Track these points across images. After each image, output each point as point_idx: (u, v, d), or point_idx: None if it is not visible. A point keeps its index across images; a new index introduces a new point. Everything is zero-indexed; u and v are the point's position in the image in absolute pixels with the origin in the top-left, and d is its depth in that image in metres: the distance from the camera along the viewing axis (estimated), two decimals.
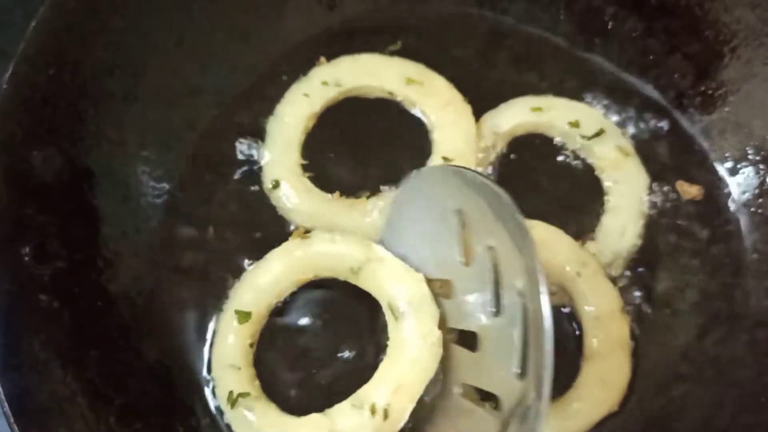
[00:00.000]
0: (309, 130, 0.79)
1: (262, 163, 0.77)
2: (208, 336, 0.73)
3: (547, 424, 0.55)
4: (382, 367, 0.67)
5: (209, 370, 0.71)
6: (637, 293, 0.74)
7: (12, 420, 0.58)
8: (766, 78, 0.77)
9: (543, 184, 0.78)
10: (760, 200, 0.77)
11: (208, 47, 0.79)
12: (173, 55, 0.77)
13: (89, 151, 0.72)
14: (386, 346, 0.69)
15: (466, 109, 0.78)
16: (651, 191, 0.77)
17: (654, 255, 0.76)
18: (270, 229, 0.76)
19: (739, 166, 0.78)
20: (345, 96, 0.80)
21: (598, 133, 0.77)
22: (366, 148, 0.79)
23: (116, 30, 0.73)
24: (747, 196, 0.77)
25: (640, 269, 0.75)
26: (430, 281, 0.68)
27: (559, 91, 0.81)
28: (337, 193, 0.76)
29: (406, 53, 0.81)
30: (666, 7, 0.79)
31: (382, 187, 0.76)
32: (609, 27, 0.83)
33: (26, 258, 0.65)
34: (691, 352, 0.73)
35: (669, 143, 0.80)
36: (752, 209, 0.77)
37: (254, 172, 0.78)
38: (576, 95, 0.81)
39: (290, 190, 0.75)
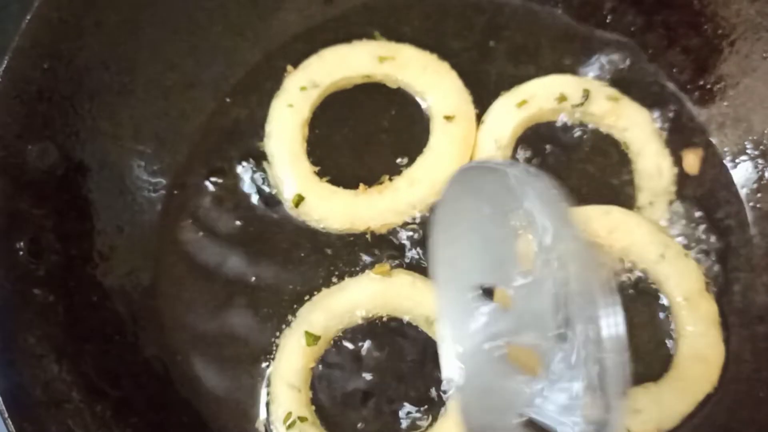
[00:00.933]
0: (307, 138, 0.78)
1: (277, 183, 0.76)
2: (207, 331, 0.73)
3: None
4: (439, 425, 0.68)
5: (268, 383, 0.71)
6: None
7: (6, 415, 0.58)
8: (765, 72, 0.76)
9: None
10: (759, 195, 0.76)
11: (204, 40, 0.79)
12: (168, 49, 0.77)
13: (84, 144, 0.72)
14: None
15: (445, 67, 0.79)
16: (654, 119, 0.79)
17: None
18: (264, 224, 0.76)
19: (737, 160, 0.78)
20: (327, 93, 0.80)
21: (586, 95, 0.78)
22: (368, 136, 0.79)
23: (111, 23, 0.73)
24: (745, 190, 0.77)
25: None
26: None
27: None
28: (362, 186, 0.76)
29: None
30: (665, 0, 0.79)
31: (398, 161, 0.77)
32: (608, 20, 0.82)
33: (21, 252, 0.65)
34: None
35: (668, 137, 0.79)
36: (751, 204, 0.77)
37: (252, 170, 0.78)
38: None
39: (316, 199, 0.75)
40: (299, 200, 0.75)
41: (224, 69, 0.80)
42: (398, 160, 0.78)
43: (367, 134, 0.79)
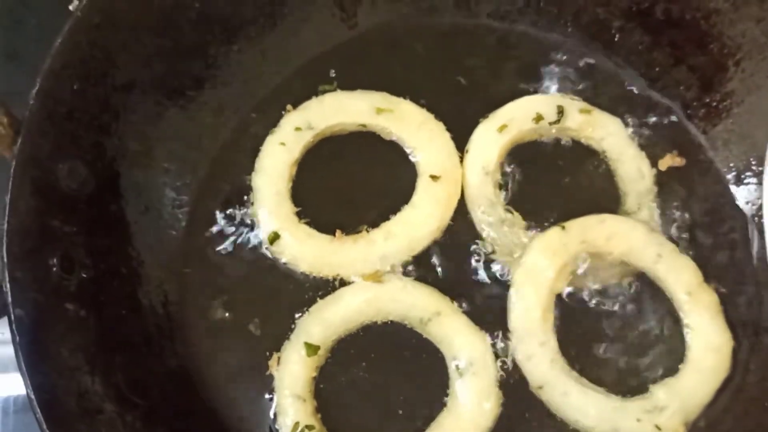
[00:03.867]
0: (294, 178, 0.79)
1: (256, 219, 0.77)
2: (226, 343, 0.75)
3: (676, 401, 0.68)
4: (440, 419, 0.71)
5: (271, 392, 0.73)
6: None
7: (44, 426, 0.60)
8: None
9: (560, 181, 0.80)
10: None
11: (227, 62, 0.81)
12: (193, 71, 0.79)
13: (112, 163, 0.74)
14: (446, 397, 0.72)
15: (440, 127, 0.80)
16: (627, 125, 0.82)
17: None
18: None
19: (743, 176, 0.80)
20: (320, 137, 0.81)
21: (561, 112, 0.80)
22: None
23: (137, 46, 0.75)
24: (750, 205, 0.79)
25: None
26: None
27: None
28: (338, 232, 0.77)
29: (417, 63, 0.84)
30: (672, 20, 0.81)
31: (379, 213, 0.78)
32: (616, 39, 0.84)
33: (54, 268, 0.67)
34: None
35: (674, 153, 0.81)
36: (756, 219, 0.79)
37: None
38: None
39: (291, 239, 0.76)
40: (274, 238, 0.76)
41: (246, 89, 0.82)
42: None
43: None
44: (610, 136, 0.81)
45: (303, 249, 0.76)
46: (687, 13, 0.80)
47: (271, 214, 0.77)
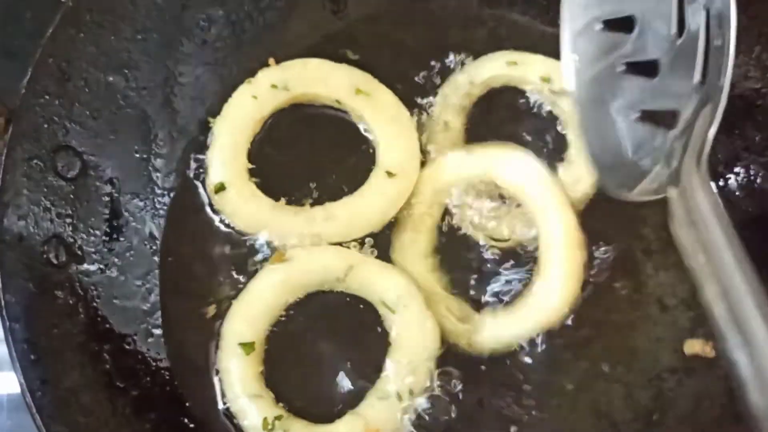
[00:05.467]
0: (257, 134, 0.78)
1: (208, 163, 0.76)
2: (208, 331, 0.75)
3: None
4: (391, 357, 0.71)
5: (224, 401, 0.72)
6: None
7: (34, 410, 0.61)
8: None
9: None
10: (749, 200, 0.79)
11: (215, 51, 0.81)
12: (181, 59, 0.79)
13: (103, 152, 0.75)
14: (389, 338, 0.72)
15: (411, 125, 0.79)
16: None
17: (646, 252, 0.79)
18: None
19: (730, 166, 0.80)
20: (293, 101, 0.79)
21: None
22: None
23: (130, 35, 0.75)
24: (738, 195, 0.80)
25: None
26: None
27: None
28: (283, 200, 0.76)
29: (408, 56, 0.84)
30: None
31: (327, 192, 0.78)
32: None
33: (44, 256, 0.68)
34: (682, 345, 0.75)
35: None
36: (742, 208, 0.79)
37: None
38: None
39: (235, 193, 0.75)
40: (220, 188, 0.75)
41: (236, 79, 0.81)
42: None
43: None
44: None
45: (244, 207, 0.75)
46: None
47: (224, 164, 0.76)
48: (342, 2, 0.85)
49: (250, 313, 0.72)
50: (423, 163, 0.78)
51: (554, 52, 0.78)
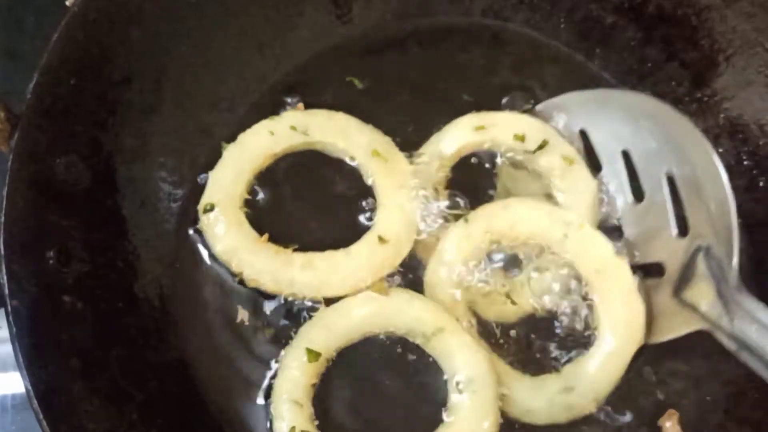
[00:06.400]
0: (263, 169, 0.78)
1: (208, 182, 0.76)
2: (219, 340, 0.76)
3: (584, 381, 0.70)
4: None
5: (267, 397, 0.72)
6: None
7: (41, 416, 0.61)
8: (761, 85, 0.79)
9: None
10: (751, 204, 0.79)
11: (223, 58, 0.81)
12: (190, 66, 0.80)
13: (109, 158, 0.75)
14: (444, 412, 0.72)
15: (405, 197, 0.77)
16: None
17: None
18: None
19: (732, 171, 0.81)
20: (308, 147, 0.79)
21: (542, 146, 0.78)
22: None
23: (134, 41, 0.75)
24: (740, 199, 0.80)
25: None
26: None
27: None
28: (266, 236, 0.75)
29: (412, 60, 0.84)
30: (664, 16, 0.82)
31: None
32: (608, 35, 0.85)
33: (51, 261, 0.68)
34: (685, 350, 0.76)
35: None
36: (745, 213, 0.79)
37: None
38: None
39: (222, 217, 0.74)
40: (208, 209, 0.75)
41: (242, 86, 0.82)
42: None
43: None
44: (574, 193, 0.77)
45: (226, 231, 0.74)
46: (679, 9, 0.81)
47: (220, 186, 0.75)
48: (347, 7, 0.85)
49: (332, 326, 0.72)
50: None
51: (565, 69, 0.82)
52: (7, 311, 0.64)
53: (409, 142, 0.80)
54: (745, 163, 0.80)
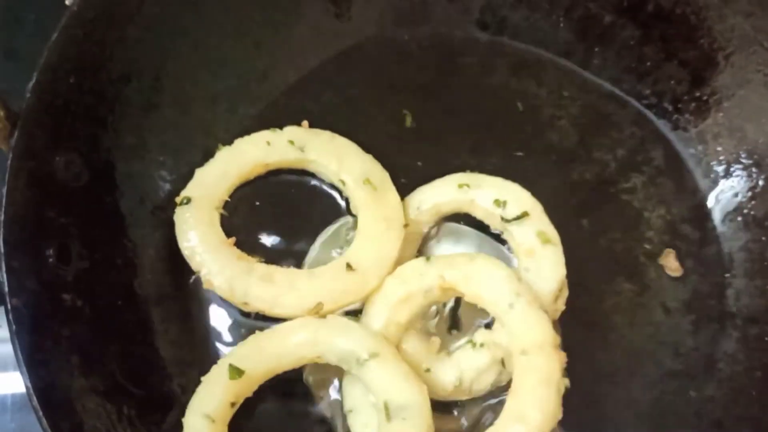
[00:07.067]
0: (250, 177, 0.77)
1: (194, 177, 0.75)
2: (223, 336, 0.76)
3: None
4: None
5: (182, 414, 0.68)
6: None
7: (41, 414, 0.61)
8: (760, 84, 0.79)
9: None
10: (753, 202, 0.79)
11: (221, 56, 0.81)
12: (189, 65, 0.80)
13: (108, 155, 0.75)
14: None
15: (399, 234, 0.74)
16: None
17: (649, 255, 0.79)
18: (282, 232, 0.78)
19: (732, 169, 0.81)
20: (302, 165, 0.78)
21: (520, 217, 0.73)
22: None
23: (133, 39, 0.75)
24: (739, 198, 0.80)
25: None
26: None
27: (557, 98, 0.84)
28: (233, 239, 0.74)
29: (411, 63, 0.84)
30: (662, 15, 0.82)
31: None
32: (607, 34, 0.85)
33: (50, 258, 0.68)
34: (684, 348, 0.76)
35: (664, 147, 0.82)
36: (744, 210, 0.79)
37: None
38: (574, 100, 0.84)
39: (195, 212, 0.73)
40: (184, 201, 0.74)
41: (240, 84, 0.82)
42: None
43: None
44: (536, 274, 0.72)
45: (194, 226, 0.73)
46: (677, 8, 0.81)
47: (203, 184, 0.75)
48: (345, 6, 0.85)
49: (263, 349, 0.69)
50: None
51: (563, 69, 0.80)
52: (7, 309, 0.64)
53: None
54: (744, 161, 0.80)
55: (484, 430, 0.68)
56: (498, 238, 0.77)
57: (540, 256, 0.72)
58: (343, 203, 0.79)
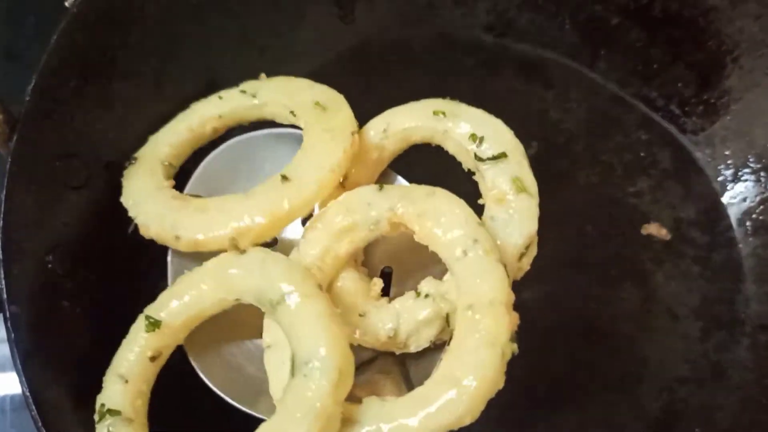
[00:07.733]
0: (207, 134, 0.73)
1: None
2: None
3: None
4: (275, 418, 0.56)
5: None
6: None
7: (39, 424, 0.60)
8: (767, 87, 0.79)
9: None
10: (762, 207, 0.79)
11: (223, 60, 0.81)
12: (190, 68, 0.79)
13: (109, 160, 0.74)
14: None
15: (342, 144, 0.64)
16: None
17: (656, 261, 0.78)
18: None
19: (740, 173, 0.80)
20: (257, 115, 0.72)
21: (496, 157, 0.62)
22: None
23: (134, 42, 0.74)
24: (748, 202, 0.79)
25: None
26: None
27: (564, 101, 0.83)
28: (171, 182, 0.70)
29: (416, 65, 0.84)
30: (669, 17, 0.81)
31: None
32: (613, 36, 0.85)
33: (49, 265, 0.67)
34: (692, 355, 0.75)
35: (671, 150, 0.82)
36: (753, 215, 0.79)
37: None
38: (580, 103, 0.83)
39: (139, 168, 0.71)
40: (134, 160, 0.72)
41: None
42: None
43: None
44: (507, 230, 0.60)
45: (134, 180, 0.70)
46: (685, 10, 0.81)
47: (152, 143, 0.73)
48: (349, 8, 0.84)
49: (179, 293, 0.63)
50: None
51: (570, 71, 0.80)
52: (5, 316, 0.63)
53: None
54: (753, 165, 0.80)
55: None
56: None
57: (511, 206, 0.60)
58: None
